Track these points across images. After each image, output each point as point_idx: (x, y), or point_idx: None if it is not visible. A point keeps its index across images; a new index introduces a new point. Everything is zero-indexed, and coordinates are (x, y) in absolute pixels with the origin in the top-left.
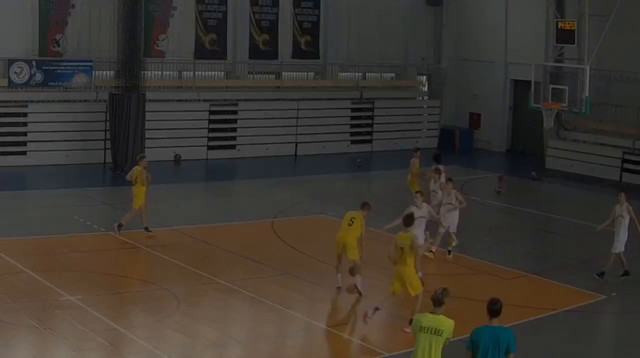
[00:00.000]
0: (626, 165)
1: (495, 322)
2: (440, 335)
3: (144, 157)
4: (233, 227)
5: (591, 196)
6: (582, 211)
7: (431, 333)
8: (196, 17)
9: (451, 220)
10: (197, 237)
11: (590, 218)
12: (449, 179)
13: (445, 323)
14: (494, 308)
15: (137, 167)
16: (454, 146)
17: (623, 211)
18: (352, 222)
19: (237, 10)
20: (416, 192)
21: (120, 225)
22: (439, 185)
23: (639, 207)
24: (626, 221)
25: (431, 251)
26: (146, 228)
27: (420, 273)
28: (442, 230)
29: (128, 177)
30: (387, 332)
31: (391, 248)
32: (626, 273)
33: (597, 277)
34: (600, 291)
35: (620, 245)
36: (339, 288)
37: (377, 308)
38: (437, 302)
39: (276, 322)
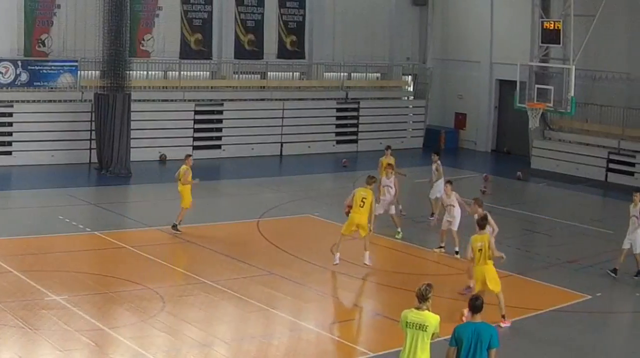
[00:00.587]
0: (611, 165)
1: (478, 318)
2: (426, 330)
3: (190, 156)
4: (218, 227)
5: (576, 196)
6: (567, 211)
7: (416, 328)
8: (182, 17)
9: (452, 220)
10: (183, 236)
11: (576, 219)
12: (447, 181)
13: (430, 318)
14: (475, 305)
15: (183, 166)
16: (439, 146)
17: (636, 212)
18: (364, 203)
19: (222, 10)
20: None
21: (175, 226)
22: (394, 181)
23: (625, 208)
24: (639, 221)
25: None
26: (174, 226)
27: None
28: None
29: (176, 175)
30: (372, 332)
31: (467, 251)
32: (615, 271)
33: (635, 277)
34: (585, 291)
35: (627, 242)
36: (336, 265)
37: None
38: (422, 297)
39: (261, 322)
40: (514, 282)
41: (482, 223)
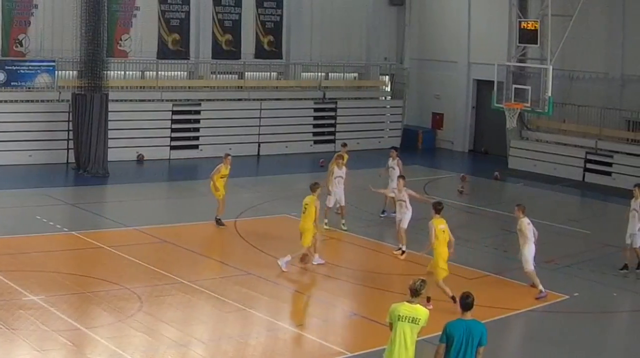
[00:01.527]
0: (589, 165)
1: (468, 316)
2: (417, 324)
3: (228, 154)
4: (196, 227)
5: (554, 196)
6: (545, 211)
7: (409, 322)
8: (159, 17)
9: (402, 216)
10: (160, 237)
11: (553, 219)
12: (400, 176)
13: (422, 312)
14: (466, 303)
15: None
16: (416, 146)
17: (637, 205)
18: (305, 209)
19: (200, 10)
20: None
21: (219, 220)
22: (345, 172)
23: (602, 208)
24: (639, 215)
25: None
26: (218, 221)
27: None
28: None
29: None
30: (349, 332)
31: (431, 235)
32: (626, 267)
33: (620, 271)
34: (563, 291)
35: (628, 237)
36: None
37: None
38: (415, 292)
39: (239, 322)
40: (492, 282)
41: (438, 207)
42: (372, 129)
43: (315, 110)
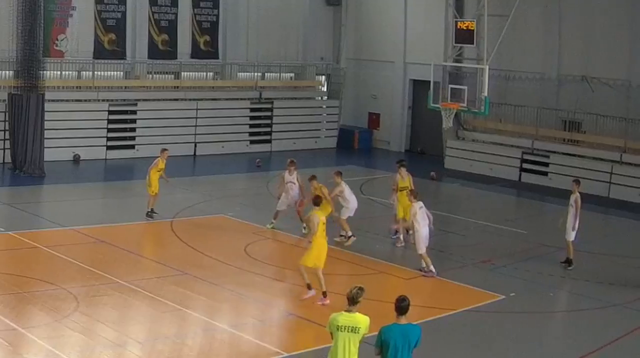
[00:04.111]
0: (525, 165)
1: (403, 320)
2: (357, 333)
3: (165, 149)
4: (132, 227)
5: (490, 196)
6: (481, 211)
7: (348, 331)
8: (95, 17)
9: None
10: (96, 237)
11: (489, 219)
12: (338, 172)
13: (361, 320)
14: (401, 306)
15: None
16: (352, 146)
17: (573, 201)
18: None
19: (136, 10)
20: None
21: (148, 213)
22: (296, 178)
23: (538, 208)
24: (574, 210)
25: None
26: (148, 213)
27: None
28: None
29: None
30: (285, 332)
31: (313, 224)
32: (568, 261)
33: (562, 264)
34: (499, 291)
35: (572, 233)
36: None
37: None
38: (353, 300)
39: (175, 322)
40: (428, 282)
41: (316, 201)
42: (309, 129)
43: (252, 110)
